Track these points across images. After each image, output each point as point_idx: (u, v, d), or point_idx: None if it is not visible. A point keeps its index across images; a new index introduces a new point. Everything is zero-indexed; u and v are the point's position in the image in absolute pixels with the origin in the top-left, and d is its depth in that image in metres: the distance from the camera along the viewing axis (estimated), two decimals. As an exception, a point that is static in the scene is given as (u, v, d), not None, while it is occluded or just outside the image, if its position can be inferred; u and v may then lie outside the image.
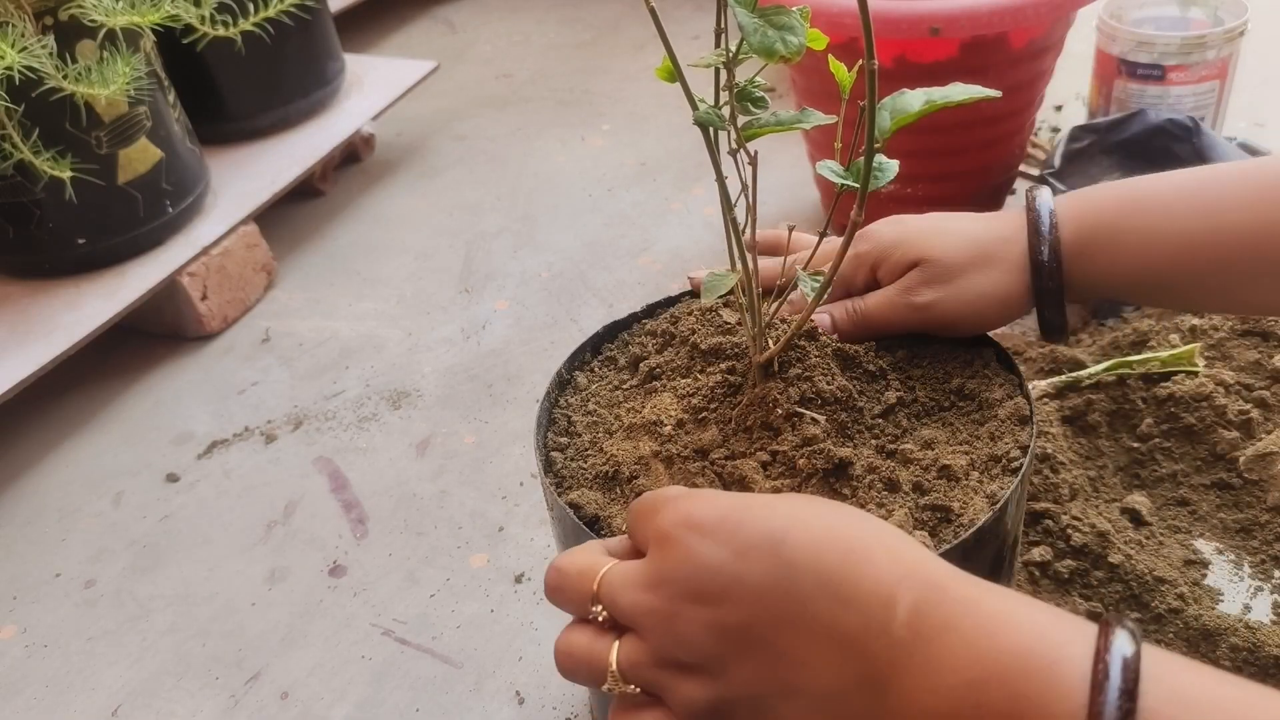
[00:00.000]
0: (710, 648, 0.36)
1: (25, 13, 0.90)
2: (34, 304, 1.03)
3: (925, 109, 0.45)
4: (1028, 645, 0.32)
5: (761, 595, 0.35)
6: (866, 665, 0.34)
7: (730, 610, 0.36)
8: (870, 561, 0.35)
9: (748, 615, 0.35)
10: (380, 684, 0.74)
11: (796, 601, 0.35)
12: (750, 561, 0.36)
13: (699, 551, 0.37)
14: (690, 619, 0.36)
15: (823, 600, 0.35)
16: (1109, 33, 1.10)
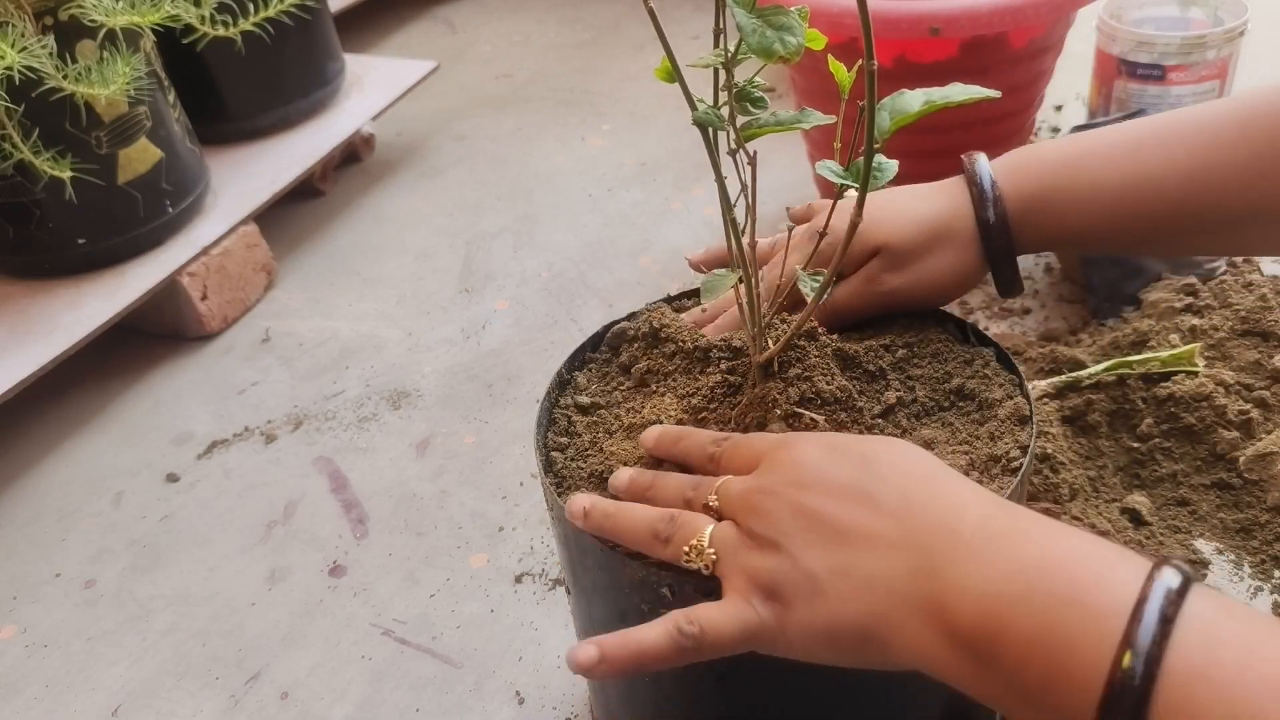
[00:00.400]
0: (788, 524, 0.41)
1: (25, 13, 0.90)
2: (34, 304, 1.03)
3: (925, 109, 0.45)
4: (1085, 552, 0.35)
5: (845, 492, 0.40)
6: (923, 558, 0.37)
7: (814, 497, 0.41)
8: (948, 486, 0.40)
9: (828, 505, 0.40)
10: (380, 684, 0.74)
11: (874, 506, 0.40)
12: (842, 466, 0.41)
13: (803, 450, 0.43)
14: (779, 498, 0.42)
15: (899, 509, 0.39)
16: (1109, 33, 1.10)
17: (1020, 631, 0.34)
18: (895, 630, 0.37)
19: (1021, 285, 0.59)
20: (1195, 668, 0.31)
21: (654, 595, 0.49)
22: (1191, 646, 0.31)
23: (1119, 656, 0.31)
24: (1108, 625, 0.32)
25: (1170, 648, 0.31)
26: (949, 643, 0.36)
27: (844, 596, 0.38)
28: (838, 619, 0.39)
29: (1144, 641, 0.31)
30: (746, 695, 0.51)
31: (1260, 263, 0.95)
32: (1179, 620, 0.32)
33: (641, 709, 0.57)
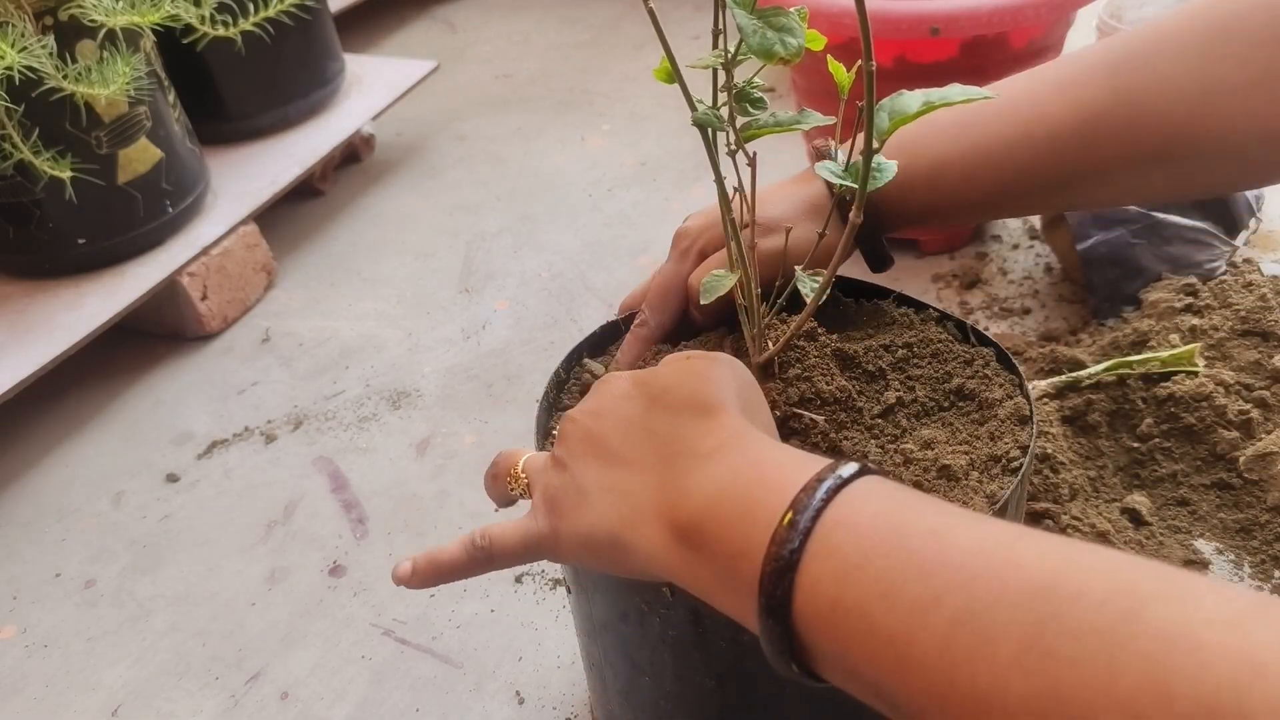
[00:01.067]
0: (576, 447, 0.46)
1: (25, 13, 0.90)
2: (34, 304, 1.03)
3: (923, 110, 0.45)
4: (792, 455, 0.40)
5: (629, 424, 0.44)
6: (667, 474, 0.42)
7: (603, 424, 0.45)
8: (716, 420, 0.42)
9: (612, 434, 0.44)
10: (380, 684, 0.74)
11: (648, 437, 0.43)
12: (634, 401, 0.45)
13: (610, 383, 0.47)
14: (577, 424, 0.46)
15: (665, 439, 0.43)
16: (1109, 33, 1.10)
17: (721, 515, 0.38)
18: (636, 535, 0.41)
19: (888, 259, 0.61)
20: (845, 520, 0.35)
21: (655, 594, 0.49)
22: (848, 506, 0.35)
23: (783, 517, 0.36)
24: (785, 498, 0.36)
25: (830, 508, 0.35)
26: (672, 539, 0.40)
27: (604, 508, 0.43)
28: (596, 527, 0.43)
29: (808, 504, 0.35)
30: (747, 695, 0.51)
31: (1260, 262, 0.95)
32: (846, 489, 0.36)
33: (642, 709, 0.57)
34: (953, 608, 0.31)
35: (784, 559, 0.35)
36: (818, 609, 0.34)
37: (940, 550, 0.32)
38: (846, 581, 0.34)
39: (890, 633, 0.32)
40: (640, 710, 0.57)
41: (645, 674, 0.54)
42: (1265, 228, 1.00)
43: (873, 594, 0.33)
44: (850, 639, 0.33)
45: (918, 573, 0.32)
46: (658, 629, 0.50)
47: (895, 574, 0.33)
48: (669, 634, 0.50)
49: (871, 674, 0.33)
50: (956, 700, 0.30)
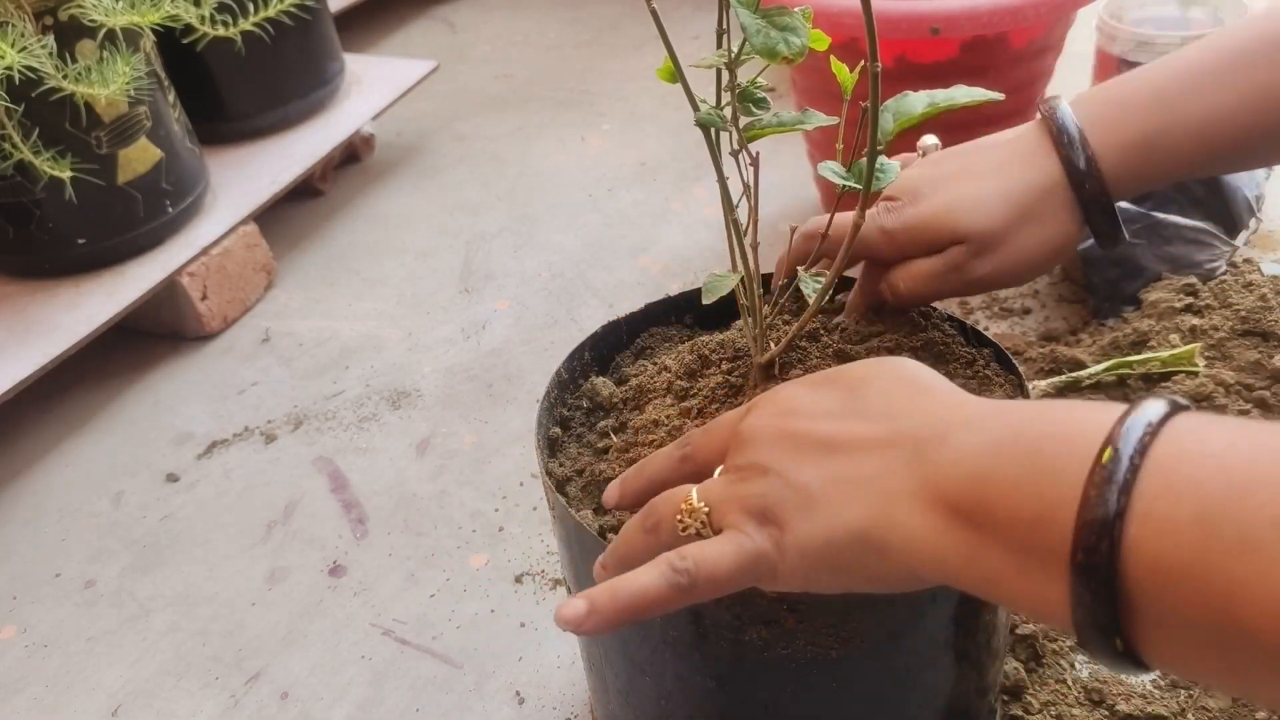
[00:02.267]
0: (774, 449, 0.39)
1: (25, 13, 0.90)
2: (34, 304, 1.03)
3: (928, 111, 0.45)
4: (1073, 406, 0.33)
5: (830, 412, 0.39)
6: (914, 449, 0.36)
7: (799, 421, 0.39)
8: (938, 393, 0.39)
9: (815, 425, 0.39)
10: (380, 684, 0.74)
11: (861, 416, 0.38)
12: (826, 392, 0.40)
13: (783, 388, 0.42)
14: (763, 429, 0.40)
15: (886, 414, 0.38)
16: (1109, 33, 1.10)
17: (1008, 478, 0.33)
18: (893, 526, 0.35)
19: (1122, 232, 0.55)
20: (1183, 451, 0.29)
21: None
22: (1177, 438, 0.30)
23: (1100, 454, 0.30)
24: (1092, 443, 0.31)
25: (1156, 442, 0.30)
26: (944, 519, 0.34)
27: (840, 503, 0.36)
28: (835, 528, 0.36)
29: (1129, 437, 0.30)
30: (747, 696, 0.51)
31: (1260, 262, 0.95)
32: (1170, 423, 0.30)
33: (642, 709, 0.57)
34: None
35: (1107, 504, 0.29)
36: (1159, 563, 0.28)
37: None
38: (1201, 523, 0.27)
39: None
40: (640, 710, 0.57)
41: (645, 674, 0.54)
42: (1265, 228, 1.00)
43: (1238, 534, 0.27)
44: (1207, 595, 0.27)
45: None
46: (658, 629, 0.50)
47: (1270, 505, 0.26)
48: (669, 634, 0.50)
49: (1241, 645, 0.27)
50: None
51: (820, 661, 0.47)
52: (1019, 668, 0.67)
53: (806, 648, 0.47)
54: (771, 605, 0.45)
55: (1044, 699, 0.65)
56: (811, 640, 0.47)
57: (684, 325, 0.65)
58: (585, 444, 0.58)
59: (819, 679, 0.49)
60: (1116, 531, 0.29)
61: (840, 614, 0.46)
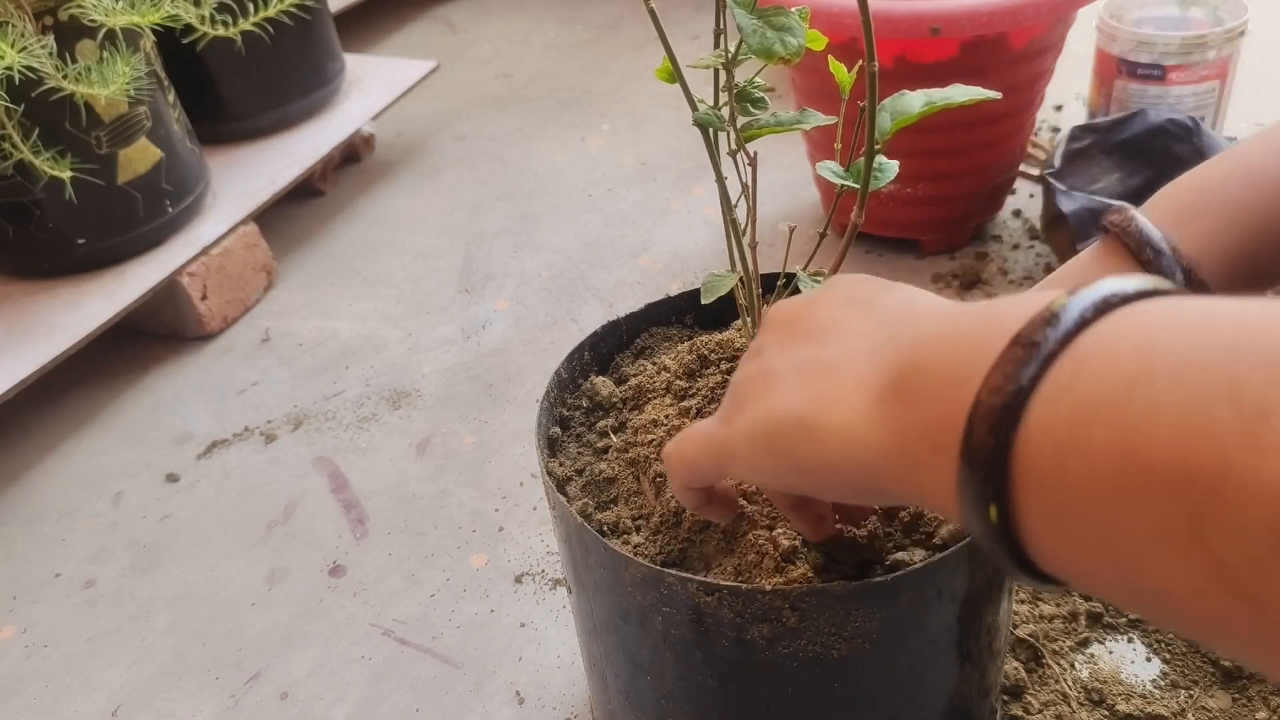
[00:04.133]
0: (772, 336, 0.38)
1: (25, 13, 0.90)
2: (34, 304, 1.03)
3: (925, 110, 0.45)
4: (1045, 293, 0.29)
5: (837, 301, 0.37)
6: (883, 336, 0.34)
7: (811, 307, 0.38)
8: (943, 302, 0.35)
9: (815, 312, 0.37)
10: (380, 684, 0.74)
11: (863, 308, 0.36)
12: (833, 300, 0.37)
13: (791, 300, 0.40)
14: (776, 312, 0.39)
15: (882, 310, 0.35)
16: (1109, 33, 1.10)
17: (943, 352, 0.30)
18: (832, 409, 0.33)
19: None
20: (1120, 333, 0.25)
21: (657, 593, 0.49)
22: (1128, 318, 0.26)
23: (1021, 330, 0.26)
24: (1037, 304, 0.27)
25: (1102, 321, 0.26)
26: (874, 399, 0.31)
27: (791, 388, 0.35)
28: (778, 409, 0.35)
29: (1064, 311, 0.26)
30: (747, 696, 0.51)
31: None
32: (1131, 306, 0.26)
33: (642, 709, 0.57)
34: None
35: (1013, 381, 0.26)
36: (1055, 444, 0.25)
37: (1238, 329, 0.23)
38: (1116, 401, 0.23)
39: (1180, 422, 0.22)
40: (641, 710, 0.57)
41: (646, 674, 0.54)
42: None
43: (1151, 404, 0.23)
44: (1109, 471, 0.23)
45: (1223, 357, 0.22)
46: (659, 628, 0.50)
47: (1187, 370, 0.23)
48: (670, 633, 0.50)
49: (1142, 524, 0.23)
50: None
51: (822, 661, 0.47)
52: (1019, 668, 0.67)
53: (808, 647, 0.47)
54: (773, 602, 0.45)
55: (1044, 699, 0.66)
56: (813, 639, 0.47)
57: (684, 325, 0.65)
58: (585, 444, 0.58)
59: (821, 678, 0.49)
60: (1014, 413, 0.25)
61: (842, 613, 0.46)
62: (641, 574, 0.47)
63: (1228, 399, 0.21)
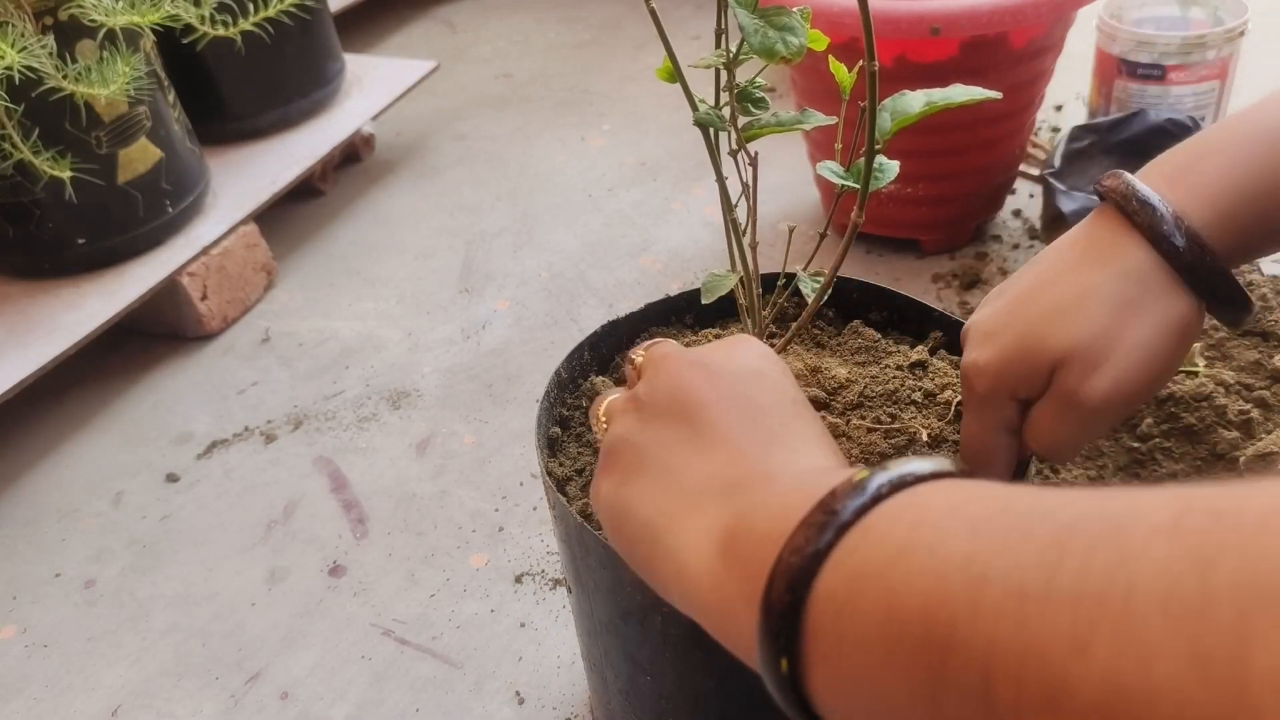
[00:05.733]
0: (662, 395, 0.39)
1: (25, 13, 0.90)
2: (34, 304, 1.03)
3: (925, 110, 0.45)
4: (849, 471, 0.31)
5: (726, 391, 0.38)
6: (728, 488, 0.35)
7: (701, 377, 0.39)
8: (805, 429, 0.37)
9: (707, 393, 0.38)
10: (380, 684, 0.74)
11: (748, 419, 0.37)
12: (747, 359, 0.39)
13: (720, 348, 0.41)
14: (673, 363, 0.40)
15: (756, 437, 0.37)
16: (1109, 33, 1.10)
17: (757, 518, 0.32)
18: (676, 531, 0.35)
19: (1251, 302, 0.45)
20: (911, 505, 0.28)
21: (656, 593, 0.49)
22: (918, 496, 0.28)
23: (844, 484, 0.29)
24: (846, 476, 0.30)
25: (894, 498, 0.28)
26: (712, 552, 0.34)
27: (653, 486, 0.37)
28: (634, 503, 0.37)
29: (862, 490, 0.29)
30: (748, 696, 0.51)
31: (1260, 262, 0.95)
32: (923, 486, 0.29)
33: (642, 709, 0.57)
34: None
35: (812, 544, 0.28)
36: (836, 605, 0.27)
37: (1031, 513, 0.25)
38: (885, 568, 0.26)
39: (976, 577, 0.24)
40: (641, 710, 0.57)
41: (646, 674, 0.54)
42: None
43: (938, 567, 0.25)
44: (875, 632, 0.26)
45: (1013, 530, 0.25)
46: (659, 629, 0.50)
47: (978, 541, 0.25)
48: (670, 634, 0.50)
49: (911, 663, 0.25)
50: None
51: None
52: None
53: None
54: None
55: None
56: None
57: (684, 325, 0.65)
58: (585, 443, 0.58)
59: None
60: (808, 574, 0.28)
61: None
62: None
63: (962, 568, 0.24)
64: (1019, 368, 0.45)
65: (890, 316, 0.63)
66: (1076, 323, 0.44)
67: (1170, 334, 0.43)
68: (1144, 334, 0.43)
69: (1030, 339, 0.45)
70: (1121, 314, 0.43)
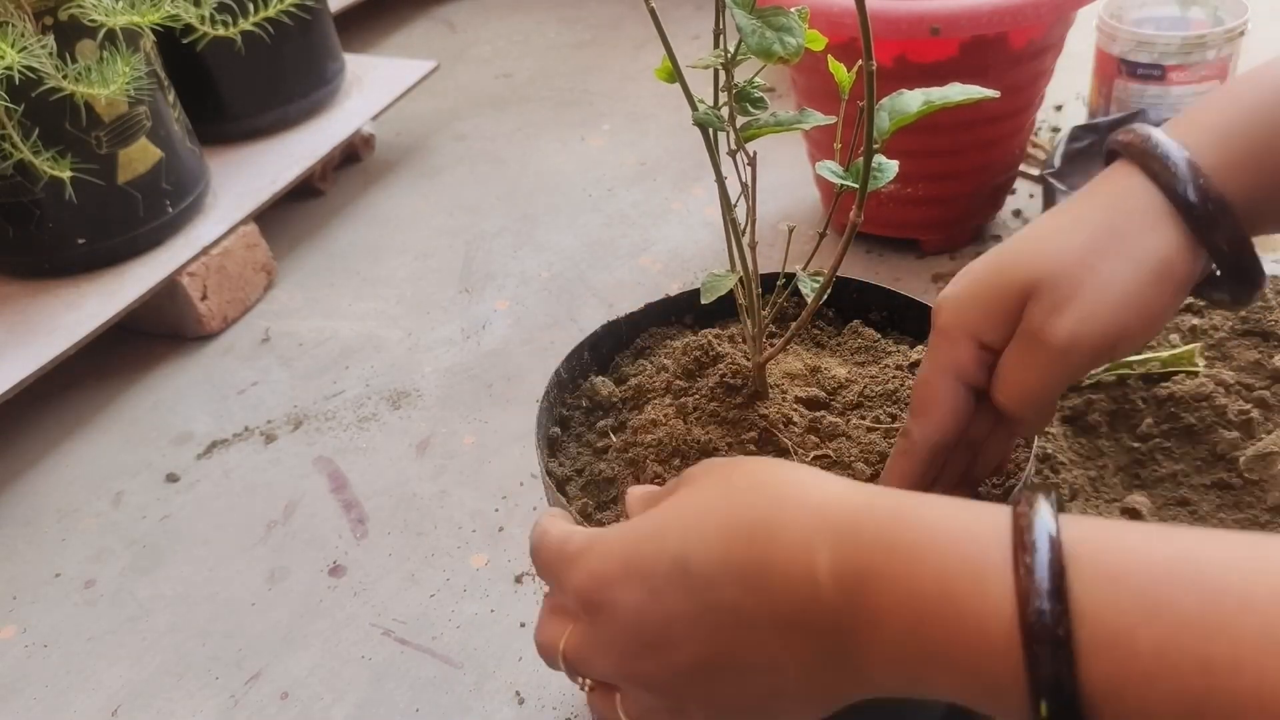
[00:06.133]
0: (679, 689, 0.35)
1: (25, 13, 0.90)
2: (34, 304, 1.03)
3: (923, 109, 0.45)
4: (951, 569, 0.30)
5: (695, 624, 0.34)
6: (817, 640, 0.32)
7: (677, 652, 0.34)
8: (776, 537, 0.33)
9: (694, 650, 0.34)
10: (380, 684, 0.74)
11: (729, 613, 0.33)
12: (669, 598, 0.34)
13: (623, 606, 0.35)
14: (647, 670, 0.35)
15: (749, 601, 0.33)
16: (1109, 33, 1.10)
17: (943, 670, 0.30)
18: (837, 694, 0.33)
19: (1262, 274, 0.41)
20: (1089, 567, 0.28)
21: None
22: (1077, 552, 0.28)
23: (1022, 605, 0.28)
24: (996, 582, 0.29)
25: (1067, 560, 0.28)
26: (884, 688, 0.32)
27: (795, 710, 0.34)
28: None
29: (1034, 563, 0.28)
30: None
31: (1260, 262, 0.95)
32: (1063, 533, 0.29)
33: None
34: (1254, 623, 0.25)
35: (1046, 628, 0.27)
36: (1109, 682, 0.27)
37: (1197, 572, 0.27)
38: (1131, 636, 0.27)
39: (1203, 665, 0.26)
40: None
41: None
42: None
43: (1165, 636, 0.26)
44: (1155, 696, 0.26)
45: (1197, 602, 0.26)
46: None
47: (1176, 610, 0.26)
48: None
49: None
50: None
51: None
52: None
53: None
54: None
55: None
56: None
57: (684, 325, 0.65)
58: (585, 443, 0.58)
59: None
60: (1064, 657, 0.27)
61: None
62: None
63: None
64: (982, 299, 0.41)
65: (890, 316, 0.63)
66: (1049, 252, 0.40)
67: (1150, 272, 0.39)
68: (1122, 269, 0.39)
69: (1000, 269, 0.41)
70: (1101, 245, 0.39)
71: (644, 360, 0.62)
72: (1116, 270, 0.39)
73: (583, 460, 0.57)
